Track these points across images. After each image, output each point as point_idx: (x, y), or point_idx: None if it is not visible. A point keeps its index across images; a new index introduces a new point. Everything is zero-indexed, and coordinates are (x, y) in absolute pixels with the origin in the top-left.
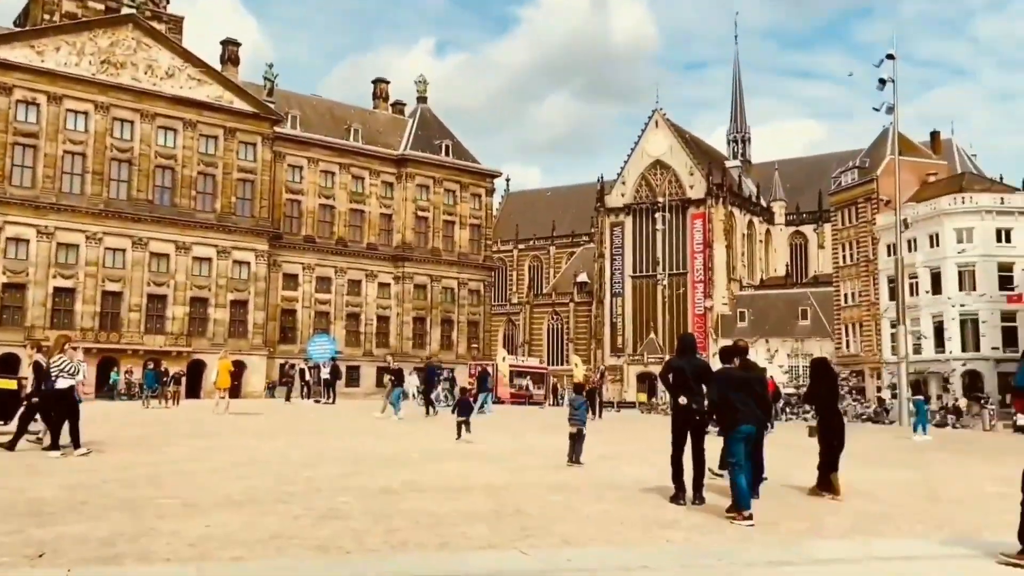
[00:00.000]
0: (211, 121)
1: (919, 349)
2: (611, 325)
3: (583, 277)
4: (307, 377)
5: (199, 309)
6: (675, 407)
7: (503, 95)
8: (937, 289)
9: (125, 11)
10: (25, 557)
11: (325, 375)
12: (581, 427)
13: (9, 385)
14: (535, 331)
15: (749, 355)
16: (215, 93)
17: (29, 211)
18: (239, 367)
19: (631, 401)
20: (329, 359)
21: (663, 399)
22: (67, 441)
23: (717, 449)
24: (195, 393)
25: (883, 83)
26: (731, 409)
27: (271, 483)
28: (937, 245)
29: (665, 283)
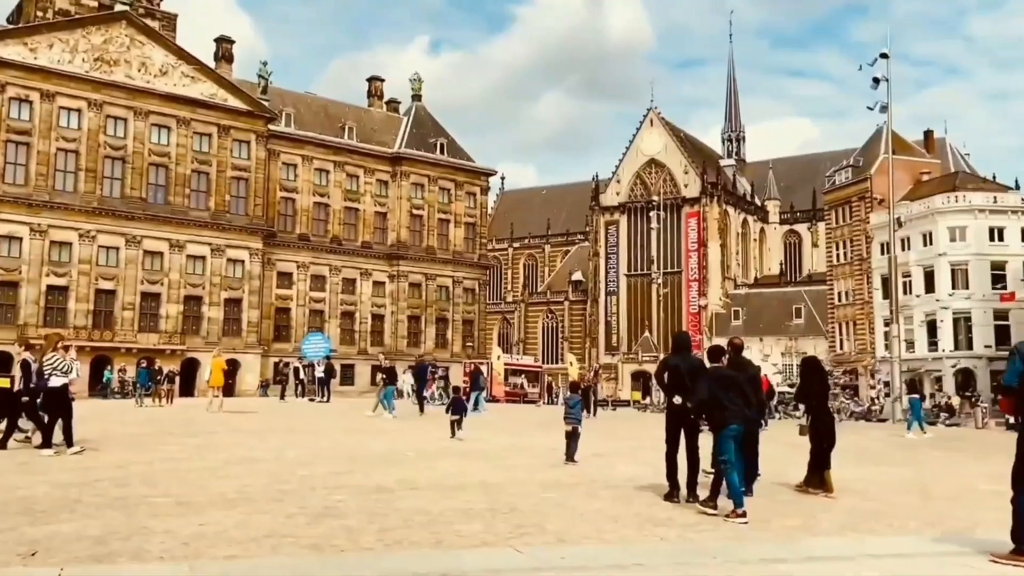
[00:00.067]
0: (205, 119)
1: (912, 347)
2: (606, 324)
3: (578, 276)
4: (301, 375)
5: (193, 307)
6: (670, 406)
7: (498, 93)
8: (930, 288)
9: (118, 8)
10: (18, 556)
11: (319, 373)
12: (576, 426)
13: (2, 383)
14: (530, 330)
15: (743, 353)
16: (209, 91)
17: (22, 209)
18: (233, 365)
19: (625, 399)
20: (323, 357)
21: (658, 398)
22: (60, 440)
23: (710, 447)
24: (189, 391)
25: (877, 82)
26: (720, 408)
27: (265, 482)
28: (930, 244)
29: (660, 282)
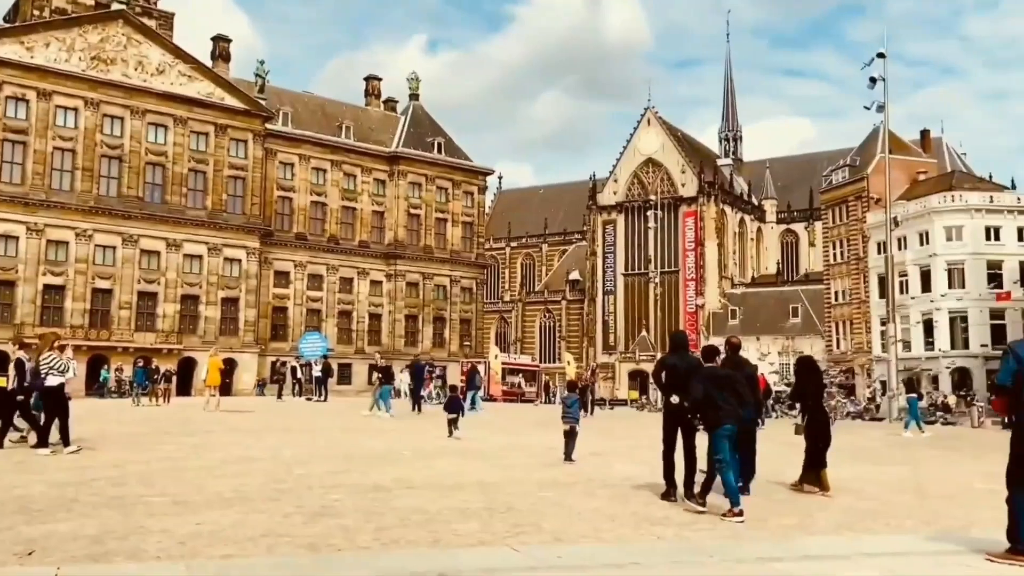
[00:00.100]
0: (202, 118)
1: (908, 346)
2: (603, 323)
3: (575, 275)
4: (299, 375)
5: (190, 307)
6: (667, 405)
7: (495, 93)
8: (927, 287)
9: (115, 7)
10: (15, 555)
11: (317, 373)
12: (574, 425)
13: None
14: (527, 329)
15: (740, 352)
16: (206, 90)
17: (18, 208)
18: (230, 365)
19: (623, 399)
20: (321, 357)
21: (655, 397)
22: (56, 439)
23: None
24: (186, 391)
25: (873, 82)
26: (714, 407)
27: (262, 481)
28: (927, 243)
29: (657, 281)
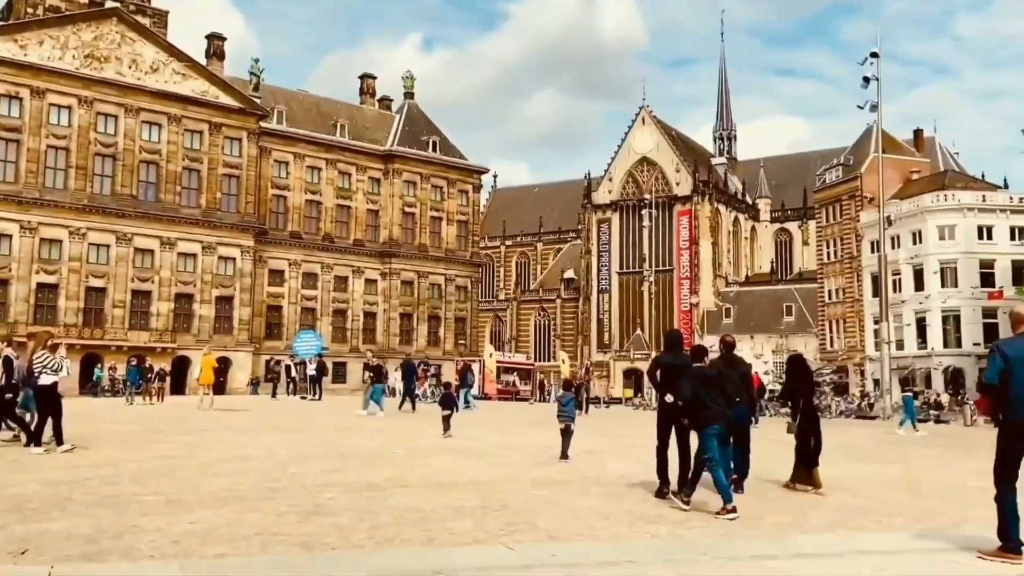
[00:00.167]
0: (196, 116)
1: (902, 345)
2: (598, 321)
3: (570, 273)
4: (293, 373)
5: (184, 305)
6: (662, 403)
7: (490, 91)
8: (920, 286)
9: (109, 5)
10: (8, 554)
11: (311, 371)
12: (570, 423)
13: None
14: (522, 327)
15: (734, 350)
16: (200, 88)
17: (12, 206)
18: (224, 363)
19: (617, 397)
20: (315, 355)
21: (650, 395)
22: (49, 437)
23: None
24: (180, 390)
25: (867, 81)
26: (703, 407)
27: (256, 480)
28: (920, 242)
29: (652, 279)
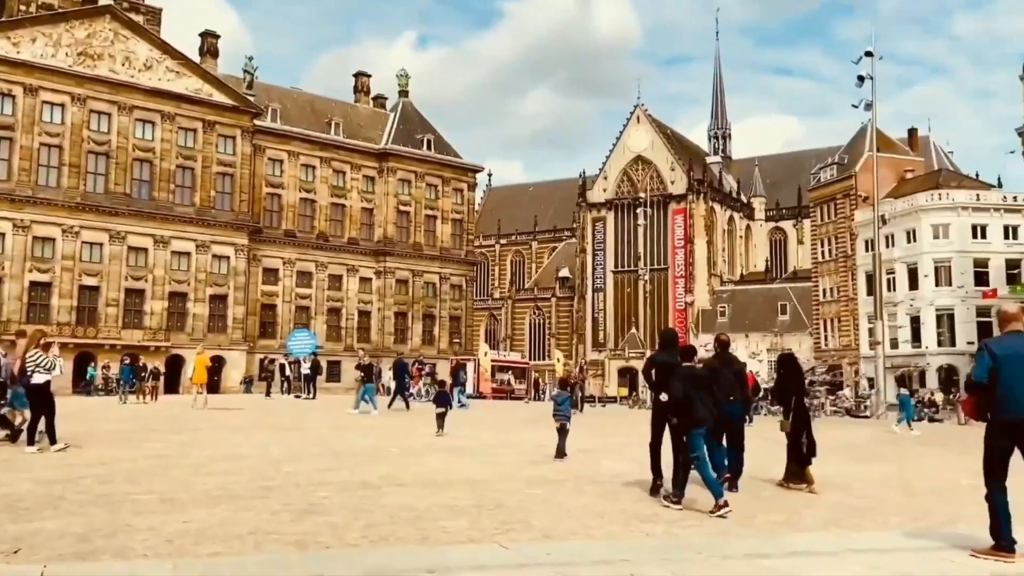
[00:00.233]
0: (190, 114)
1: (896, 344)
2: (593, 320)
3: (565, 272)
4: (287, 372)
5: (178, 304)
6: (656, 402)
7: (485, 89)
8: (914, 284)
9: (102, 2)
10: (1, 553)
11: (305, 370)
12: (565, 422)
13: None
14: (517, 326)
15: (730, 348)
16: (194, 86)
17: (5, 204)
18: (218, 362)
19: (612, 396)
20: (309, 354)
21: (645, 394)
22: (40, 436)
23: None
24: (174, 388)
25: (862, 80)
26: (692, 407)
27: (249, 478)
28: (914, 241)
29: (646, 278)
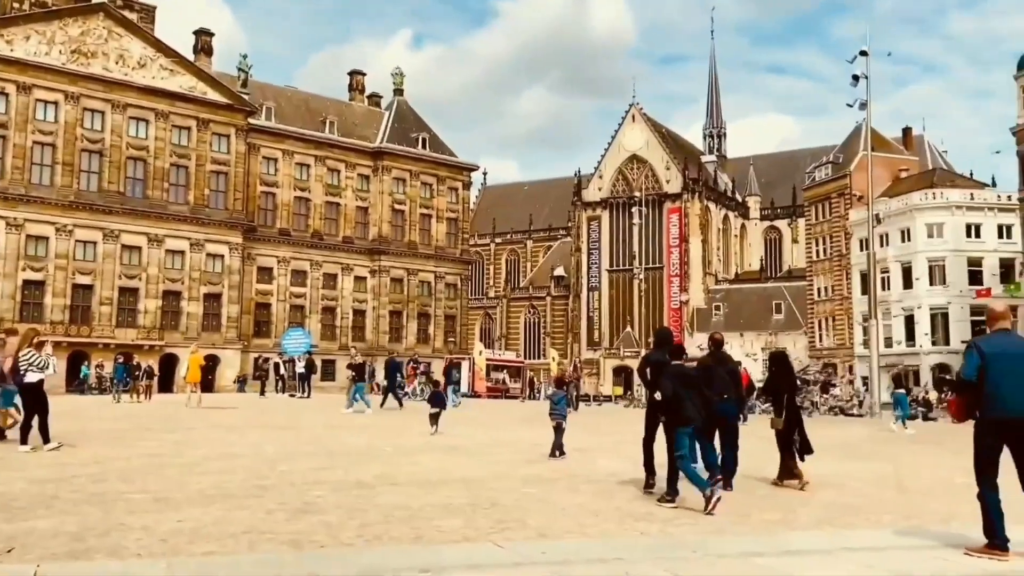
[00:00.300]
0: (184, 112)
1: (890, 343)
2: (588, 319)
3: (560, 271)
4: (282, 371)
5: (172, 302)
6: (651, 400)
7: (480, 88)
8: (908, 283)
9: (96, 0)
10: None
11: (300, 369)
12: (561, 421)
13: None
14: (512, 325)
15: (724, 347)
16: (188, 84)
17: None
18: (212, 361)
19: (607, 395)
20: (304, 353)
21: (640, 393)
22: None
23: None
24: (168, 387)
25: (856, 79)
26: (681, 406)
27: (244, 477)
28: (908, 240)
29: (641, 277)
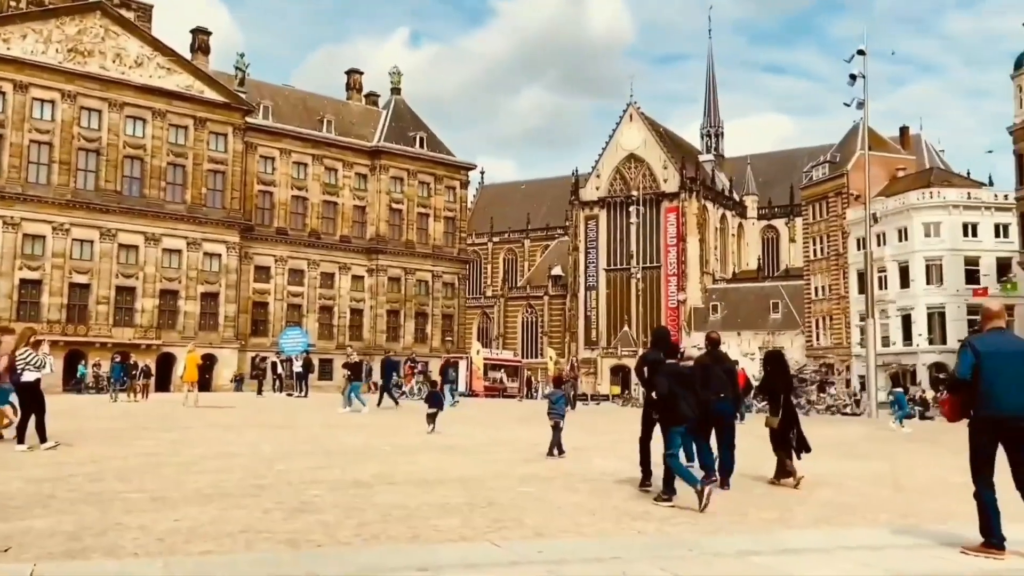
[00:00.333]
0: (181, 111)
1: (888, 342)
2: (585, 318)
3: (557, 270)
4: (279, 370)
5: (169, 301)
6: (648, 399)
7: (478, 87)
8: (905, 283)
9: None
10: None
11: (297, 368)
12: (559, 420)
13: None
14: (509, 324)
15: (721, 347)
16: (185, 82)
17: None
18: (209, 360)
19: (604, 394)
20: (301, 352)
21: (636, 391)
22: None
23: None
24: (165, 387)
25: (854, 79)
26: (675, 405)
27: (241, 477)
28: (905, 239)
29: (639, 276)
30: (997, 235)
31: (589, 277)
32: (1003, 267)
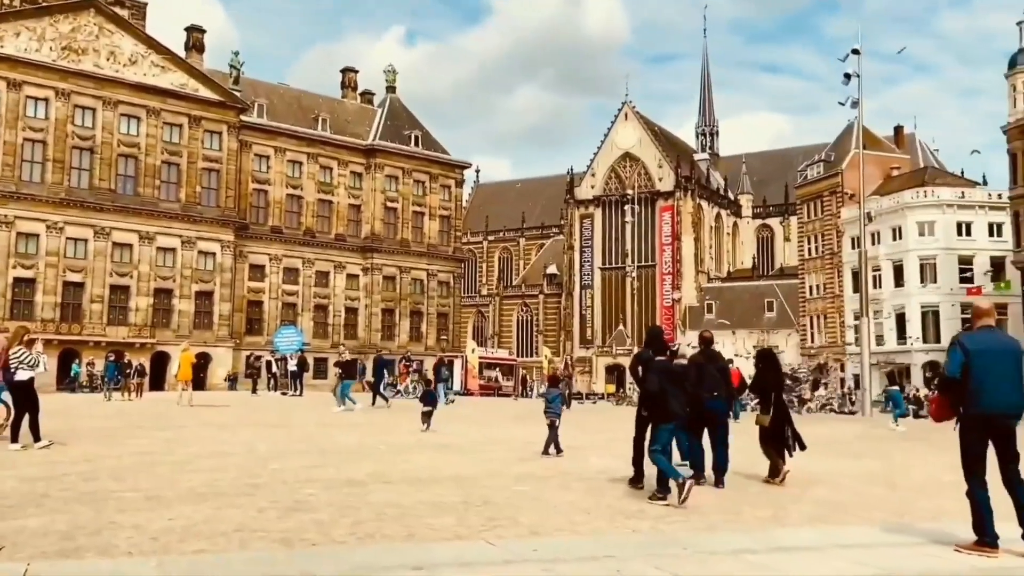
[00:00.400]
0: (175, 109)
1: (882, 341)
2: (580, 317)
3: (553, 269)
4: (274, 369)
5: (163, 300)
6: (641, 397)
7: (473, 86)
8: (899, 281)
9: None
10: None
11: (292, 367)
12: (555, 419)
13: None
14: (505, 323)
15: (715, 345)
16: (179, 81)
17: None
18: (204, 359)
19: (599, 392)
20: (296, 351)
21: (631, 390)
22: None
23: (683, 440)
24: (159, 385)
25: (848, 78)
26: (665, 402)
27: (235, 476)
28: (900, 238)
29: (634, 275)
30: (991, 234)
31: (584, 276)
32: (997, 266)
